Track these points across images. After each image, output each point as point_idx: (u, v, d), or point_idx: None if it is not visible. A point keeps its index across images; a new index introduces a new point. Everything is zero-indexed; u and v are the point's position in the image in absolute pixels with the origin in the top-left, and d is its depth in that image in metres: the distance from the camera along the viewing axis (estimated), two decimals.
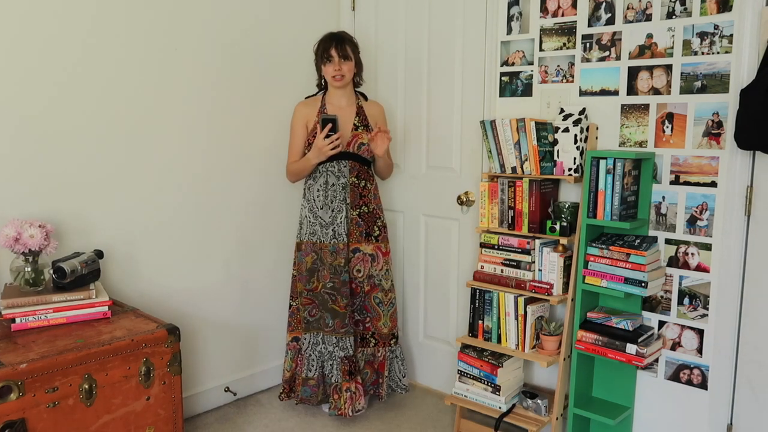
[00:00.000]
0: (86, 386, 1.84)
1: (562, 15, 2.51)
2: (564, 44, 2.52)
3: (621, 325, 2.28)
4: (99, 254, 2.26)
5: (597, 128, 2.46)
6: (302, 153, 2.77)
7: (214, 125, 2.80)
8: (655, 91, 2.32)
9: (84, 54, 2.36)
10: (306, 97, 2.86)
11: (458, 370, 2.65)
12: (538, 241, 2.49)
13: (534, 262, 2.49)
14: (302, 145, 2.76)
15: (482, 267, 2.62)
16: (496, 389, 2.52)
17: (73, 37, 2.33)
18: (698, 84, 2.22)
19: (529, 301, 2.51)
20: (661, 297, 2.38)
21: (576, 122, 2.38)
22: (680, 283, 2.33)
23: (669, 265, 2.35)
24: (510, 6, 2.66)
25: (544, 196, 2.47)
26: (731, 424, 2.27)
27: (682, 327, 2.34)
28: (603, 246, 2.28)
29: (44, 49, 2.26)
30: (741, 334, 2.22)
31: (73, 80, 2.34)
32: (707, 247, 2.26)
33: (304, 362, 2.79)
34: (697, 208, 2.27)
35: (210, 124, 2.79)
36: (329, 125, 2.59)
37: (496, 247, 2.58)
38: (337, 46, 2.67)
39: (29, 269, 2.10)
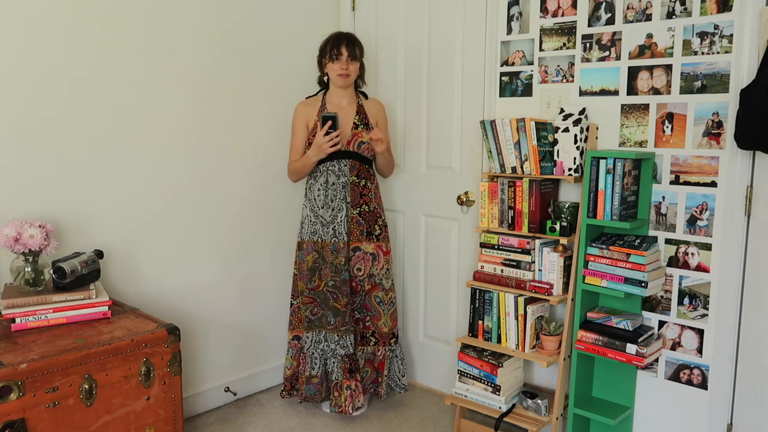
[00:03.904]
0: (86, 386, 1.84)
1: (562, 15, 2.51)
2: (564, 44, 2.52)
3: (621, 325, 2.28)
4: (99, 254, 2.26)
5: (597, 128, 2.46)
6: (303, 152, 2.77)
7: (213, 125, 2.80)
8: (655, 91, 2.32)
9: (83, 56, 2.36)
10: (307, 97, 2.87)
11: (458, 370, 2.65)
12: (538, 241, 2.49)
13: (534, 262, 2.49)
14: (303, 144, 2.77)
15: (482, 267, 2.62)
16: (496, 389, 2.52)
17: (72, 40, 2.33)
18: (698, 84, 2.22)
19: (529, 301, 2.51)
20: (661, 297, 2.38)
21: (576, 122, 2.38)
22: (680, 283, 2.33)
23: (669, 265, 2.35)
24: (510, 6, 2.66)
25: (544, 196, 2.47)
26: (731, 424, 2.27)
27: (682, 327, 2.34)
28: (603, 246, 2.28)
29: (44, 52, 2.26)
30: (741, 334, 2.22)
31: (73, 82, 2.34)
32: (707, 247, 2.26)
33: (307, 361, 2.80)
34: (697, 208, 2.27)
35: (209, 123, 2.79)
36: (329, 122, 2.60)
37: (496, 247, 2.58)
38: (348, 45, 2.68)
39: (29, 269, 2.10)
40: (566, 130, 2.40)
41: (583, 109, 2.41)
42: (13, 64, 2.19)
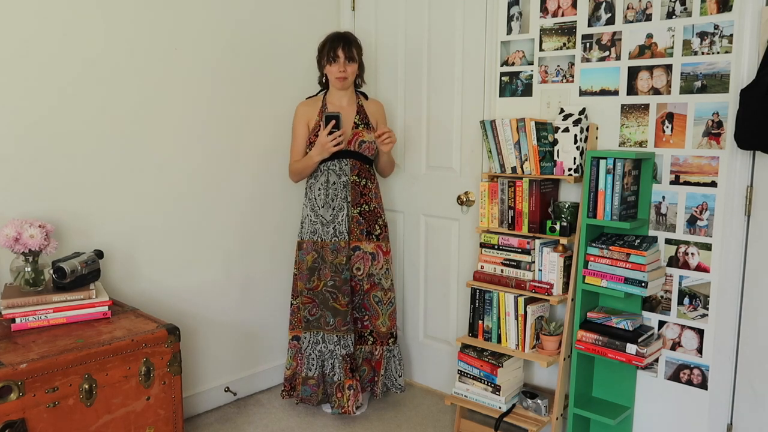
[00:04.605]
0: (86, 386, 1.84)
1: (562, 15, 2.51)
2: (564, 44, 2.52)
3: (621, 325, 2.28)
4: (99, 254, 2.26)
5: (597, 128, 2.46)
6: (304, 152, 2.77)
7: (213, 125, 2.80)
8: (655, 91, 2.32)
9: (84, 56, 2.36)
10: (307, 98, 2.87)
11: (458, 370, 2.65)
12: (538, 241, 2.49)
13: (534, 262, 2.49)
14: (304, 144, 2.77)
15: (482, 267, 2.62)
16: (496, 389, 2.52)
17: (74, 40, 2.33)
18: (698, 84, 2.22)
19: (529, 301, 2.51)
20: (661, 297, 2.38)
21: (576, 122, 2.38)
22: (680, 283, 2.33)
23: (669, 265, 2.35)
24: (510, 6, 2.66)
25: (544, 196, 2.47)
26: (731, 424, 2.27)
27: (682, 327, 2.34)
28: (603, 246, 2.28)
29: (45, 51, 2.26)
30: (741, 334, 2.22)
31: (73, 82, 2.34)
32: (707, 247, 2.26)
33: (304, 361, 2.80)
34: (697, 208, 2.27)
35: (209, 123, 2.79)
36: (333, 122, 2.60)
37: (496, 247, 2.58)
38: (344, 47, 2.68)
39: (29, 269, 2.10)
40: (566, 130, 2.40)
41: (583, 109, 2.41)
42: (15, 65, 2.19)
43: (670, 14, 2.25)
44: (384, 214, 2.86)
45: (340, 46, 2.68)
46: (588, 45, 2.46)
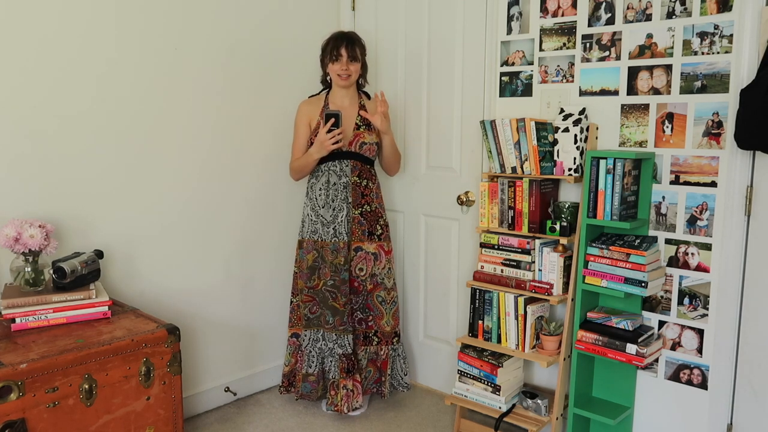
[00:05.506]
0: (86, 386, 1.84)
1: (562, 15, 2.51)
2: (564, 44, 2.52)
3: (621, 325, 2.28)
4: (99, 254, 2.26)
5: (597, 128, 2.46)
6: (305, 151, 2.77)
7: (214, 125, 2.80)
8: (655, 91, 2.32)
9: (84, 55, 2.36)
10: (309, 96, 2.87)
11: (458, 370, 2.65)
12: (538, 241, 2.49)
13: (534, 262, 2.49)
14: (305, 143, 2.77)
15: (482, 267, 2.62)
16: (496, 389, 2.52)
17: (78, 44, 2.33)
18: (698, 84, 2.22)
19: (529, 301, 2.50)
20: (661, 297, 2.38)
21: (576, 122, 2.38)
22: (680, 283, 2.33)
23: (669, 265, 2.35)
24: (510, 6, 2.66)
25: (544, 196, 2.47)
26: (731, 424, 2.27)
27: (682, 327, 2.34)
28: (603, 246, 2.28)
29: (44, 49, 2.26)
30: (741, 334, 2.22)
31: (73, 81, 2.34)
32: (707, 247, 2.26)
33: (305, 358, 2.80)
34: (697, 208, 2.27)
35: (210, 124, 2.79)
36: (332, 120, 2.61)
37: (496, 247, 2.58)
38: (347, 46, 2.68)
39: (29, 269, 2.10)
40: (566, 130, 2.40)
41: (583, 109, 2.41)
42: (18, 67, 2.19)
43: (670, 14, 2.25)
44: (385, 214, 2.86)
45: (343, 45, 2.68)
46: (588, 45, 2.46)
